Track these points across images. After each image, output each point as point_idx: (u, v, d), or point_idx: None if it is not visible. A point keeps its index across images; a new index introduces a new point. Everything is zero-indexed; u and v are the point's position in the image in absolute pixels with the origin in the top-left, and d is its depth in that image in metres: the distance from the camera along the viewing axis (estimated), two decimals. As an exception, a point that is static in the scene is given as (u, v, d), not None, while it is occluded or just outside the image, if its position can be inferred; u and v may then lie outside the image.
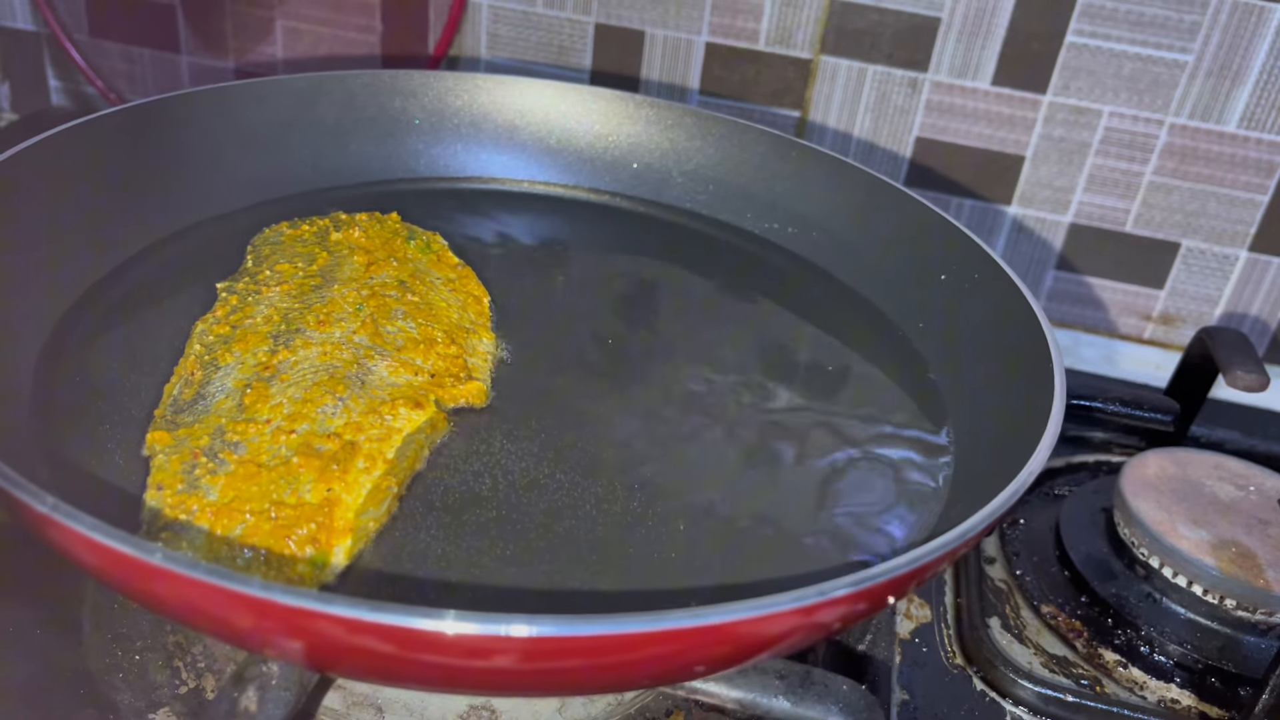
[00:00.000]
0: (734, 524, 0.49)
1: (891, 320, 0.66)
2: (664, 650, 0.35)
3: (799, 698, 0.44)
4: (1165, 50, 0.74)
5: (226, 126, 0.68)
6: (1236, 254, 0.80)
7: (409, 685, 0.42)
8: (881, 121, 0.81)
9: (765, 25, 0.80)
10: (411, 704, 0.46)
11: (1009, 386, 0.55)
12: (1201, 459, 0.63)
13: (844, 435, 0.56)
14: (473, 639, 0.32)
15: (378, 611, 0.32)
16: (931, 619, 0.57)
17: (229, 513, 0.42)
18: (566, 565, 0.45)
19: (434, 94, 0.75)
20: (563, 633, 0.33)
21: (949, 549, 0.39)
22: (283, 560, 0.41)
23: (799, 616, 0.36)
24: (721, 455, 0.53)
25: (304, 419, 0.47)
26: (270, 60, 0.90)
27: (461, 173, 0.76)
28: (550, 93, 0.76)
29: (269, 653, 0.38)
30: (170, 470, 0.44)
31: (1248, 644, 0.55)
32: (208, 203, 0.66)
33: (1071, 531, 0.61)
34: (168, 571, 0.33)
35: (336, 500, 0.44)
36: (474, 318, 0.59)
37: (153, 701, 0.45)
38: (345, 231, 0.62)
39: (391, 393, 0.50)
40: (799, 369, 0.61)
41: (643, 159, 0.76)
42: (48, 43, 0.94)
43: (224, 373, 0.50)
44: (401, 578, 0.43)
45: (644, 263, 0.70)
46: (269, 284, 0.57)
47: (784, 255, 0.72)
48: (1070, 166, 0.80)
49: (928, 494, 0.52)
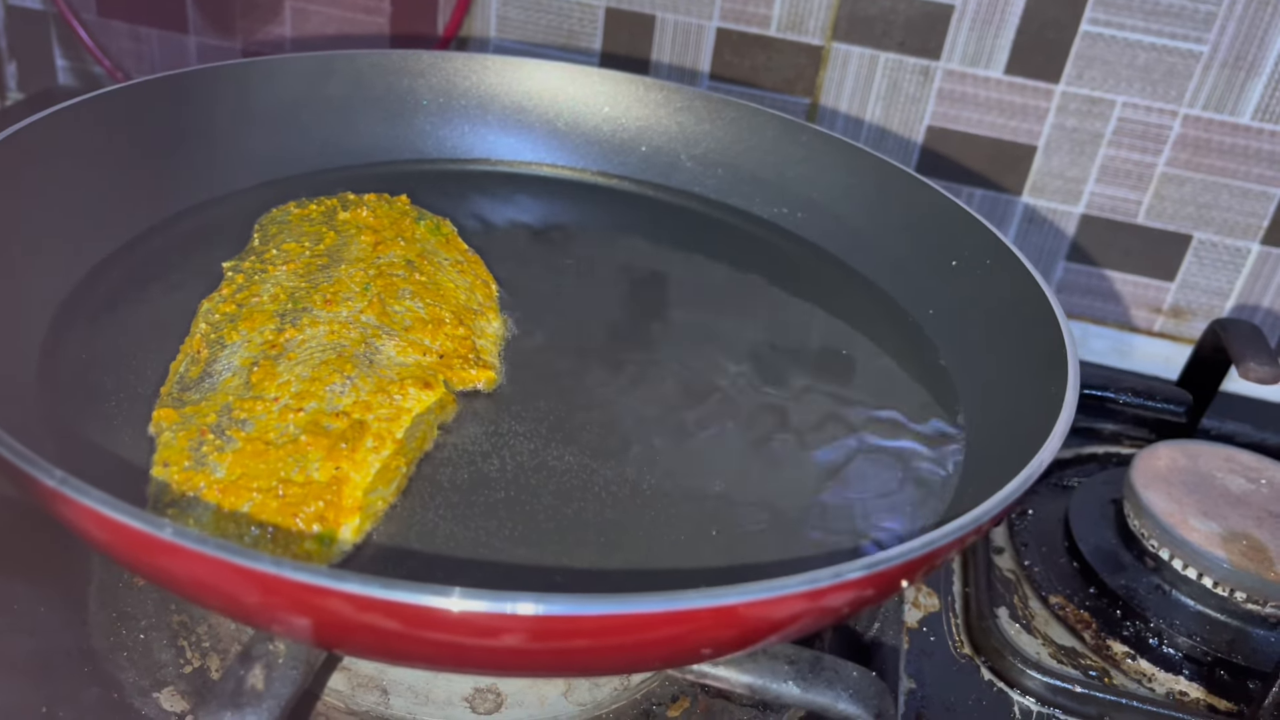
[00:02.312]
0: (742, 508, 0.49)
1: (902, 306, 0.65)
2: (672, 631, 0.35)
3: (809, 683, 0.44)
4: (1180, 40, 0.74)
5: (234, 105, 0.68)
6: (1249, 247, 0.79)
7: (416, 664, 0.41)
8: (893, 109, 0.81)
9: (777, 11, 0.80)
10: (416, 686, 0.46)
11: (1021, 374, 0.54)
12: (1212, 451, 0.62)
13: (853, 421, 0.55)
14: (480, 617, 0.32)
15: (385, 588, 0.31)
16: (940, 608, 0.57)
17: (236, 490, 0.42)
18: (574, 546, 0.45)
19: (443, 75, 0.75)
20: (570, 611, 0.32)
21: (961, 534, 0.38)
22: (290, 537, 0.41)
23: (809, 599, 0.35)
24: (730, 439, 0.53)
25: (312, 397, 0.46)
26: (278, 40, 0.90)
27: (469, 154, 0.76)
28: (559, 75, 0.76)
29: (276, 629, 0.38)
30: (177, 447, 0.44)
31: (1257, 637, 0.55)
32: (215, 181, 0.66)
33: (1081, 522, 0.61)
34: (177, 546, 0.32)
35: (345, 479, 0.43)
36: (482, 299, 0.59)
37: (157, 680, 0.45)
38: (353, 211, 0.62)
39: (400, 372, 0.50)
40: (808, 354, 0.61)
41: (652, 142, 0.76)
42: (55, 22, 0.94)
43: (230, 351, 0.50)
44: (409, 556, 0.43)
45: (652, 246, 0.69)
46: (275, 263, 0.57)
47: (793, 240, 0.72)
48: (1082, 157, 0.79)
49: (938, 481, 0.52)
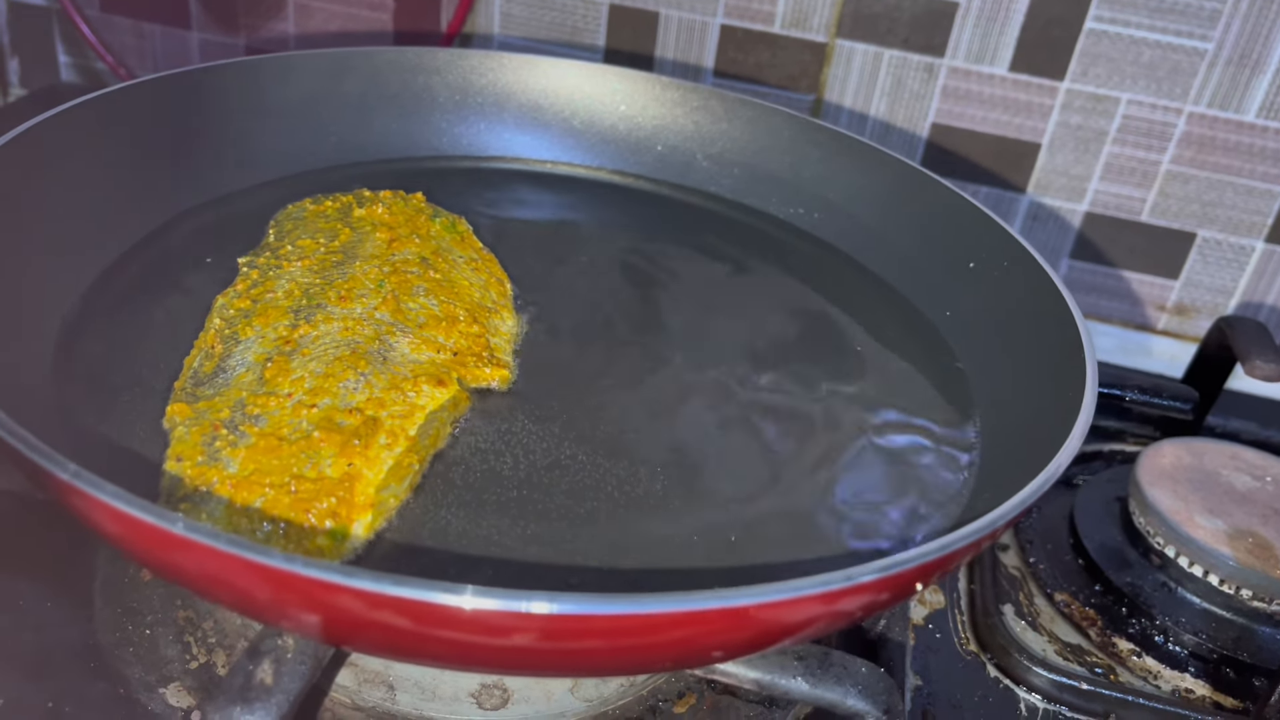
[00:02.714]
0: (756, 509, 0.49)
1: (918, 308, 0.65)
2: (684, 632, 0.35)
3: (817, 679, 0.44)
4: (1185, 38, 0.74)
5: (251, 101, 0.68)
6: (1253, 245, 0.79)
7: (426, 662, 0.41)
8: (897, 106, 0.81)
9: (781, 8, 0.80)
10: (423, 682, 0.46)
11: (1038, 377, 0.54)
12: (1218, 449, 0.63)
13: (870, 423, 0.55)
14: (492, 615, 0.32)
15: (397, 585, 0.31)
16: (945, 605, 0.57)
17: (249, 485, 0.42)
18: (587, 545, 0.45)
19: (458, 72, 0.75)
20: (583, 611, 0.32)
21: (977, 538, 0.38)
22: (302, 533, 0.41)
23: (823, 602, 0.35)
24: (744, 440, 0.53)
25: (325, 393, 0.46)
26: (281, 36, 0.89)
27: (484, 152, 0.76)
28: (574, 73, 0.76)
29: (287, 625, 0.38)
30: (190, 442, 0.44)
31: (1263, 635, 0.55)
32: (230, 177, 0.66)
33: (1086, 520, 0.61)
34: (189, 541, 0.32)
35: (357, 475, 0.43)
36: (496, 297, 0.59)
37: (163, 676, 0.45)
38: (368, 208, 0.62)
39: (414, 369, 0.50)
40: (825, 356, 0.60)
41: (667, 141, 0.76)
42: (58, 18, 0.94)
43: (244, 346, 0.50)
44: (421, 554, 0.43)
45: (667, 245, 0.69)
46: (290, 259, 0.57)
47: (809, 240, 0.71)
48: (1087, 154, 0.79)
49: (954, 483, 0.52)
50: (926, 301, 0.65)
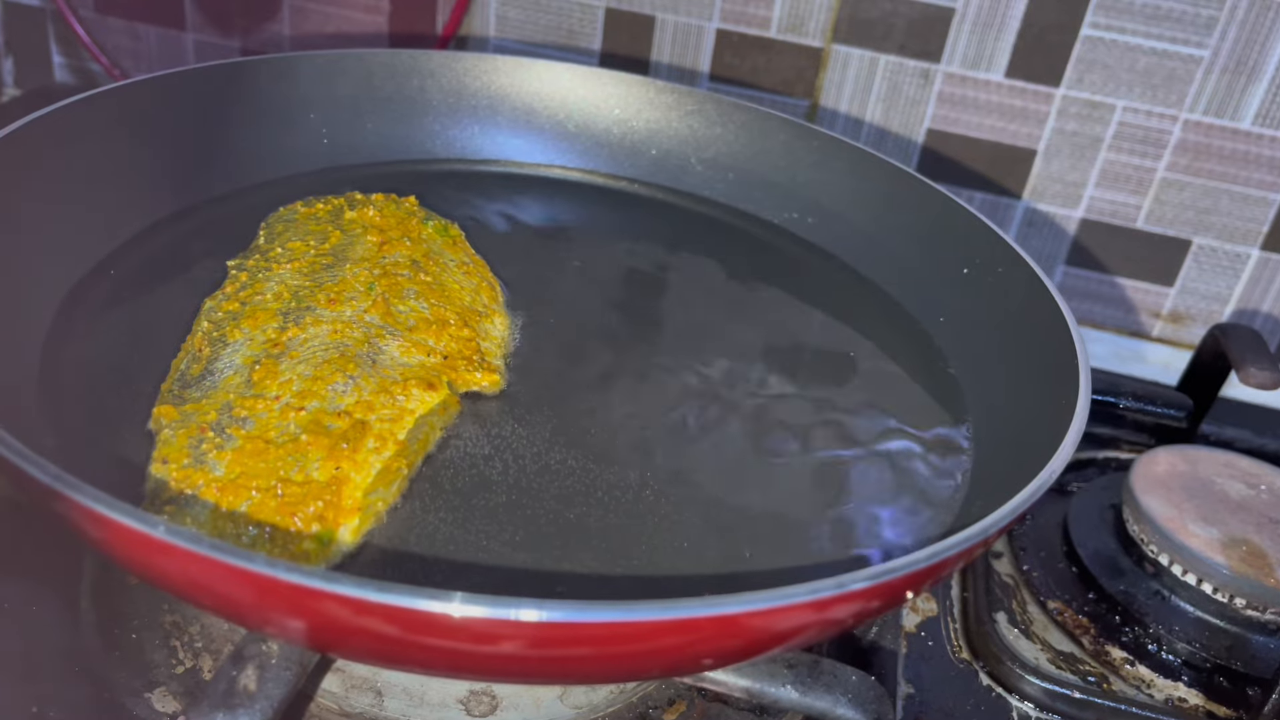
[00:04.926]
0: (746, 515, 0.48)
1: (911, 313, 0.65)
2: (675, 640, 0.35)
3: (807, 687, 0.43)
4: (1181, 45, 0.74)
5: (244, 102, 0.68)
6: (1248, 252, 0.79)
7: (413, 669, 0.41)
8: (893, 112, 0.81)
9: (777, 13, 0.80)
10: (411, 688, 0.46)
11: (1031, 385, 0.54)
12: (1212, 456, 0.62)
13: (861, 429, 0.55)
14: (480, 622, 0.32)
15: (383, 592, 0.31)
16: (938, 612, 0.57)
17: (235, 488, 0.41)
18: (576, 551, 0.45)
19: (452, 75, 0.75)
20: (572, 618, 0.32)
21: (969, 545, 0.38)
22: (288, 537, 0.41)
23: (813, 609, 0.35)
24: (734, 446, 0.53)
25: (314, 396, 0.46)
26: (276, 38, 0.89)
27: (478, 155, 0.75)
28: (569, 76, 0.76)
29: (271, 631, 0.37)
30: (176, 445, 0.44)
31: (1257, 643, 0.55)
32: (222, 179, 0.66)
33: (1080, 527, 0.61)
34: (170, 545, 0.32)
35: (345, 479, 0.43)
36: (487, 301, 0.58)
37: (149, 680, 0.45)
38: (360, 211, 0.61)
39: (403, 373, 0.50)
40: (817, 361, 0.60)
41: (662, 145, 0.76)
42: (52, 18, 0.94)
43: (232, 349, 0.50)
44: (409, 559, 0.43)
45: (661, 250, 0.69)
46: (280, 261, 0.56)
47: (803, 245, 0.71)
48: (1082, 161, 0.79)
49: (945, 491, 0.52)
50: (920, 307, 0.65)
